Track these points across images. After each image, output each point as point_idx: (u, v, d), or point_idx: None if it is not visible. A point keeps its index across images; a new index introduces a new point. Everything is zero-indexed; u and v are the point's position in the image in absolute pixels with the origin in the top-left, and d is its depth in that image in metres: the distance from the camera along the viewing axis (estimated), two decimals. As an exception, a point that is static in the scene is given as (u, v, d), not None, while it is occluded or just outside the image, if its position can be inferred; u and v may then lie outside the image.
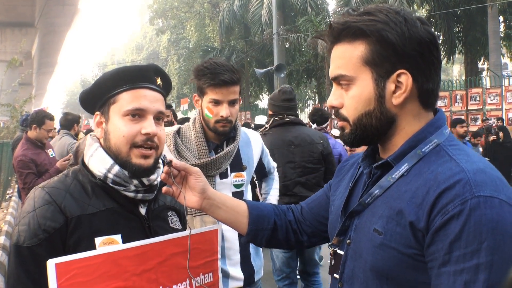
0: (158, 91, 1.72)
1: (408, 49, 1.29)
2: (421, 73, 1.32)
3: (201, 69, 2.70)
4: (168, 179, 1.62)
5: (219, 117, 2.67)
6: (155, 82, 1.72)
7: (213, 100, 2.67)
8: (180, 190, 1.64)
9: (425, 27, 1.32)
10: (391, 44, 1.29)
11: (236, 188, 2.84)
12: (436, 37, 1.36)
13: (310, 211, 1.79)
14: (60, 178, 1.70)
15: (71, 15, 30.58)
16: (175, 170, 1.62)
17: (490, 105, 15.87)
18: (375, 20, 1.31)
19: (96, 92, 1.72)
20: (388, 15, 1.31)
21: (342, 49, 1.37)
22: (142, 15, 63.11)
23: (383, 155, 1.44)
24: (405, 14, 1.33)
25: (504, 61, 25.92)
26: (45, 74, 45.80)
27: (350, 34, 1.34)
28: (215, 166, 2.72)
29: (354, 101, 1.36)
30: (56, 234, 1.54)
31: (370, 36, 1.31)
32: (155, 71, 1.74)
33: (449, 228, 1.14)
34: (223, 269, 2.70)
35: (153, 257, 1.59)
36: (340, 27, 1.36)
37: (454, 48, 23.44)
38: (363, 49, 1.33)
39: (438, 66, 1.36)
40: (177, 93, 42.33)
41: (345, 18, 1.36)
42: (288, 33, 24.48)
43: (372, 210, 1.35)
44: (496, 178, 1.19)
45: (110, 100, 1.68)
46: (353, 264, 1.38)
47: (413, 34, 1.29)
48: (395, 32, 1.29)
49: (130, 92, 1.66)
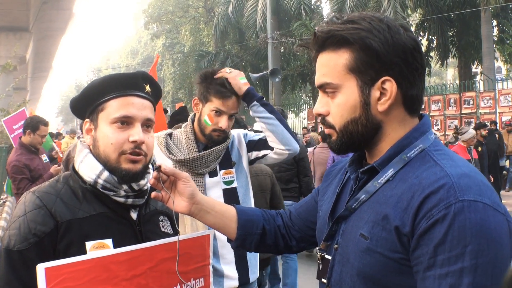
0: (146, 98, 1.73)
1: (392, 56, 1.31)
2: (405, 80, 1.33)
3: (210, 76, 2.75)
4: (157, 184, 1.62)
5: (217, 127, 2.71)
6: (143, 89, 1.73)
7: (217, 110, 2.71)
8: (169, 195, 1.65)
9: (408, 34, 1.34)
10: (375, 51, 1.31)
11: (227, 185, 2.84)
12: (419, 44, 1.38)
13: (299, 216, 1.80)
14: (51, 183, 1.71)
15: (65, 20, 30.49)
16: (164, 175, 1.63)
17: (483, 108, 15.92)
18: (358, 28, 1.32)
19: (85, 99, 1.73)
20: (372, 23, 1.33)
21: (327, 57, 1.39)
22: (136, 20, 62.97)
23: (369, 160, 1.45)
24: (388, 21, 1.34)
25: (497, 65, 26.04)
26: (40, 79, 45.63)
27: (334, 42, 1.36)
28: (204, 163, 2.75)
29: (340, 108, 1.38)
30: (46, 238, 1.55)
31: (354, 44, 1.32)
32: (143, 78, 1.76)
33: (433, 232, 1.15)
34: (218, 268, 2.71)
35: (143, 262, 1.60)
36: (324, 36, 1.38)
37: (447, 52, 23.48)
38: (348, 57, 1.34)
39: (422, 72, 1.37)
40: (172, 98, 42.23)
41: (329, 27, 1.37)
42: (283, 38, 24.49)
43: (359, 215, 1.37)
44: (480, 182, 1.21)
45: (98, 108, 1.70)
46: (341, 269, 1.39)
47: (396, 41, 1.31)
48: (378, 39, 1.30)
49: (118, 100, 1.67)
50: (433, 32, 22.86)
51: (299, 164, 6.27)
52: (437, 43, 23.23)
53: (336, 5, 22.73)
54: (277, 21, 26.98)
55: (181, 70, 38.84)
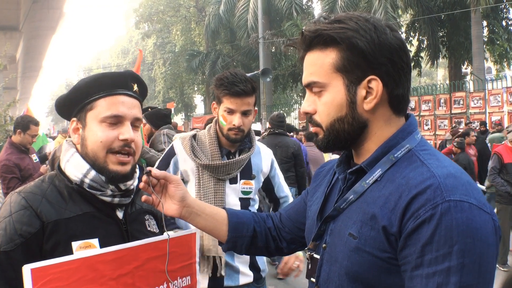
0: (134, 97, 1.74)
1: (378, 55, 1.32)
2: (391, 79, 1.34)
3: (220, 78, 2.86)
4: (147, 188, 1.63)
5: (231, 125, 2.82)
6: (131, 89, 1.74)
7: (228, 109, 2.82)
8: (159, 200, 1.64)
9: (394, 34, 1.35)
10: (361, 51, 1.32)
11: (244, 194, 2.95)
12: (405, 44, 1.39)
13: (289, 218, 1.81)
14: (36, 183, 1.70)
15: (56, 19, 30.37)
16: (154, 179, 1.63)
17: (473, 108, 16.00)
18: (345, 28, 1.33)
19: (72, 98, 1.73)
20: (358, 22, 1.34)
21: (314, 56, 1.40)
22: (127, 19, 62.71)
23: (357, 160, 1.46)
24: (375, 21, 1.35)
25: (487, 65, 26.19)
26: (30, 78, 45.41)
27: (321, 41, 1.37)
28: (225, 170, 2.85)
29: (327, 107, 1.39)
30: (32, 239, 1.54)
31: (340, 43, 1.34)
32: (131, 77, 1.76)
33: (421, 232, 1.16)
34: (233, 265, 2.83)
35: (130, 262, 1.60)
36: (311, 35, 1.39)
37: (438, 53, 23.60)
38: (334, 56, 1.35)
39: (408, 71, 1.38)
40: (163, 97, 42.18)
41: (316, 26, 1.38)
42: (274, 38, 24.51)
43: (347, 215, 1.37)
44: (466, 182, 1.22)
45: (87, 107, 1.69)
46: (329, 268, 1.40)
47: (382, 41, 1.32)
48: (365, 39, 1.32)
49: (107, 99, 1.68)
50: (424, 33, 22.96)
51: (296, 158, 8.05)
52: (428, 44, 23.34)
53: (327, 5, 22.79)
54: (269, 21, 27.03)
55: (172, 69, 38.84)
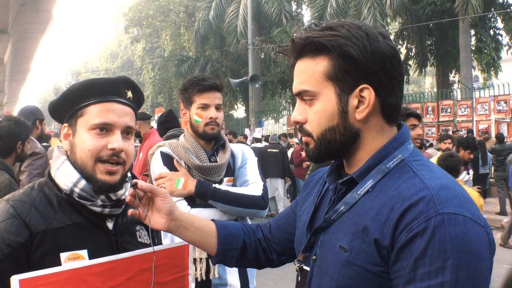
0: (127, 105, 1.69)
1: (370, 64, 1.29)
2: (383, 88, 1.32)
3: (188, 80, 2.95)
4: (134, 201, 1.58)
5: (207, 119, 2.85)
6: (125, 95, 1.69)
7: (202, 105, 2.86)
8: (146, 214, 1.60)
9: (387, 42, 1.33)
10: (353, 59, 1.29)
11: None
12: (398, 52, 1.36)
13: (279, 229, 1.77)
14: (25, 190, 1.66)
15: (45, 22, 30.10)
16: (140, 192, 1.58)
17: (461, 116, 16.14)
18: (337, 35, 1.30)
19: (64, 103, 1.69)
20: (350, 30, 1.31)
21: (305, 64, 1.37)
22: (117, 23, 62.61)
23: (348, 170, 1.43)
24: (367, 29, 1.32)
25: (474, 74, 26.36)
26: (18, 81, 44.95)
27: (312, 49, 1.34)
28: (217, 172, 2.88)
29: (318, 116, 1.35)
30: (20, 249, 1.51)
31: (332, 51, 1.30)
32: (125, 83, 1.72)
33: (413, 246, 1.14)
34: (223, 277, 2.81)
35: (120, 273, 1.56)
36: (302, 43, 1.35)
37: (426, 61, 23.80)
38: (326, 64, 1.32)
39: (401, 80, 1.36)
40: (152, 102, 42.03)
41: (307, 33, 1.35)
42: (263, 44, 24.56)
43: (338, 227, 1.34)
44: (460, 195, 1.20)
45: (78, 113, 1.65)
46: (319, 281, 1.37)
47: (375, 49, 1.30)
48: (357, 47, 1.29)
49: (98, 106, 1.63)
50: (412, 41, 23.17)
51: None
52: (416, 52, 23.54)
53: (317, 13, 22.93)
54: (258, 27, 27.12)
55: (161, 74, 38.72)
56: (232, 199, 2.80)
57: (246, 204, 2.83)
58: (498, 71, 23.66)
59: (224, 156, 2.95)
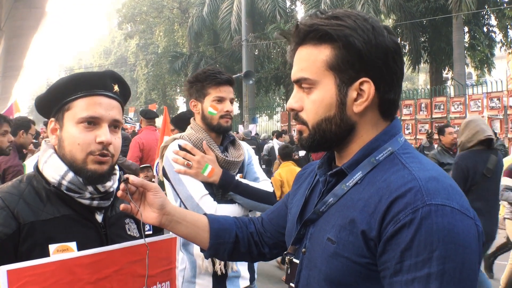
0: (114, 99, 1.69)
1: (373, 57, 1.28)
2: (383, 83, 1.31)
3: (203, 72, 2.94)
4: (126, 196, 1.57)
5: (223, 112, 2.87)
6: (111, 89, 1.69)
7: (218, 98, 2.87)
8: (138, 209, 1.59)
9: (391, 37, 1.32)
10: (357, 51, 1.28)
11: None
12: (401, 48, 1.36)
13: (270, 222, 1.77)
14: (14, 183, 1.66)
15: (38, 18, 29.95)
16: (132, 187, 1.57)
17: (454, 113, 16.15)
18: (343, 25, 1.29)
19: (51, 98, 1.69)
20: (357, 21, 1.29)
21: (307, 51, 1.35)
22: (110, 20, 62.31)
23: (339, 162, 1.42)
24: (373, 22, 1.32)
25: (468, 71, 26.47)
26: (11, 78, 44.70)
27: (316, 37, 1.32)
28: (236, 167, 2.95)
29: (315, 105, 1.34)
30: (8, 240, 1.50)
31: (337, 41, 1.29)
32: (111, 77, 1.72)
33: (400, 237, 1.13)
34: (237, 269, 2.86)
35: (108, 265, 1.56)
36: (307, 29, 1.34)
37: (419, 58, 23.83)
38: (329, 53, 1.31)
39: (401, 76, 1.35)
40: (145, 99, 41.99)
41: (312, 20, 1.33)
42: (257, 40, 24.58)
43: (326, 219, 1.34)
44: (449, 186, 1.19)
45: (64, 107, 1.65)
46: (308, 274, 1.37)
47: (379, 42, 1.29)
48: (362, 39, 1.28)
49: (85, 99, 1.63)
50: (406, 38, 23.17)
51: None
52: (409, 49, 23.56)
53: (310, 9, 22.88)
54: (252, 23, 27.09)
55: (154, 71, 38.70)
56: (252, 193, 2.83)
57: (262, 199, 2.87)
58: (491, 68, 23.68)
59: (239, 152, 3.00)
